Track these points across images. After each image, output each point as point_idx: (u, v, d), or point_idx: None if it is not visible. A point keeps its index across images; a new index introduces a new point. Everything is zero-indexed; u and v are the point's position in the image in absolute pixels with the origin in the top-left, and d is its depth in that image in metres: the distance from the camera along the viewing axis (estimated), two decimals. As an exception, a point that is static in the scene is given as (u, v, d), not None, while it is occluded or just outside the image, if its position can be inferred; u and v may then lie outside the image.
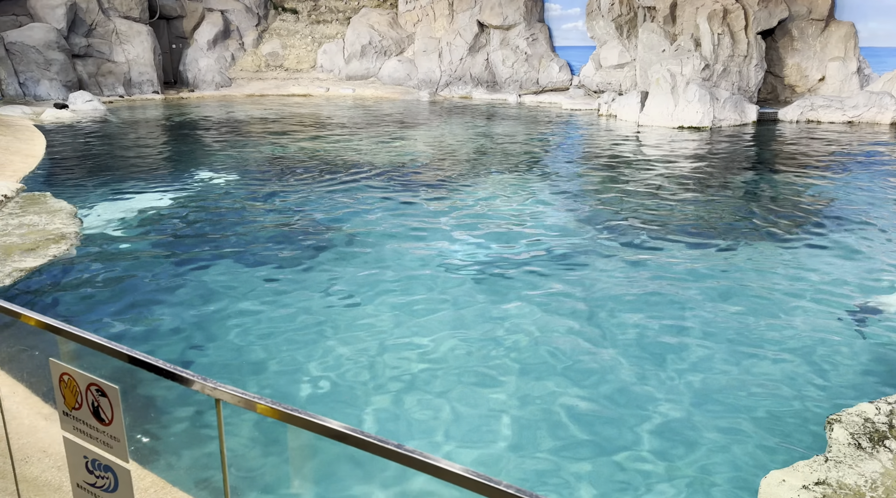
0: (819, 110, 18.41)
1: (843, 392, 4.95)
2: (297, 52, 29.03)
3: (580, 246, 8.24)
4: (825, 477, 3.65)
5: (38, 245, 7.72)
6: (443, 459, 1.44)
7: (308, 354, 5.52)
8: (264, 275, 7.27)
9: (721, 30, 18.90)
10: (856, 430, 4.03)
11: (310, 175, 12.25)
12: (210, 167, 13.03)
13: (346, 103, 24.08)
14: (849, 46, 19.71)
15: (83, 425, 2.23)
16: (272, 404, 1.86)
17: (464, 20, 25.88)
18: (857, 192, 10.80)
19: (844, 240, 8.40)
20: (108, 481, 2.23)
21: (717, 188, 11.28)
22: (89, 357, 4.34)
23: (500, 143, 15.71)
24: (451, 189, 11.20)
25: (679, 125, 17.78)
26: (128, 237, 8.57)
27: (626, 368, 5.30)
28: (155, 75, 25.19)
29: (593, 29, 23.30)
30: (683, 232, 8.80)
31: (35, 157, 13.33)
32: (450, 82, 26.11)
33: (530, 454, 4.28)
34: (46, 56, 22.19)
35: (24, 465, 3.57)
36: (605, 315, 6.25)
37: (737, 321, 6.11)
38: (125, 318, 6.20)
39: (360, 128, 18.17)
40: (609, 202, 10.42)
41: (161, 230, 8.94)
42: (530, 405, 4.80)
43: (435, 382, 5.09)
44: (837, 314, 6.25)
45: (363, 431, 1.61)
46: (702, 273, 7.33)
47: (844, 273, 7.28)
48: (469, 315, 6.25)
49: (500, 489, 1.32)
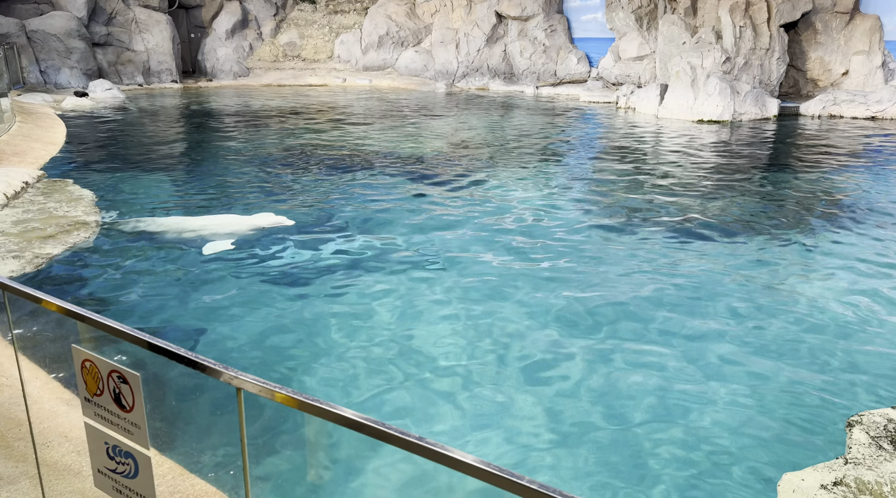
0: (842, 105, 18.12)
1: (863, 394, 4.89)
2: (315, 43, 29.04)
3: (596, 239, 8.18)
4: (844, 477, 3.61)
5: (58, 232, 7.80)
6: (465, 453, 1.43)
7: (314, 345, 5.54)
8: (282, 265, 7.29)
9: (743, 22, 18.62)
10: (877, 432, 3.98)
11: (325, 165, 12.27)
12: (227, 157, 13.09)
13: (362, 94, 24.07)
14: (874, 40, 19.34)
15: (104, 412, 2.25)
16: (292, 394, 1.86)
17: (482, 11, 25.72)
18: (878, 190, 10.62)
19: (865, 238, 8.27)
20: (129, 467, 2.25)
21: (736, 183, 11.15)
22: (107, 344, 4.38)
23: (517, 136, 15.63)
24: (466, 181, 11.16)
25: (699, 119, 17.58)
26: (148, 226, 8.63)
27: (644, 365, 5.26)
28: (173, 64, 25.33)
29: (613, 20, 23.06)
30: (702, 227, 8.71)
31: (56, 145, 13.47)
32: (467, 73, 26.00)
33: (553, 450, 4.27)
34: (67, 44, 22.38)
35: (45, 449, 3.62)
36: (619, 311, 6.20)
37: (758, 320, 6.04)
38: (143, 305, 6.25)
39: (376, 118, 18.15)
40: (627, 196, 10.34)
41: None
42: (552, 396, 4.78)
43: (445, 378, 5.09)
44: (861, 314, 6.16)
45: (384, 422, 1.61)
46: (722, 270, 7.25)
47: (867, 272, 7.17)
48: (482, 307, 6.23)
49: (523, 484, 1.31)
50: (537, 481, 1.32)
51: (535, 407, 4.68)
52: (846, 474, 3.62)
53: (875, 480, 3.58)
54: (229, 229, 8.34)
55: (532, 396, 4.81)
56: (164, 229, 8.42)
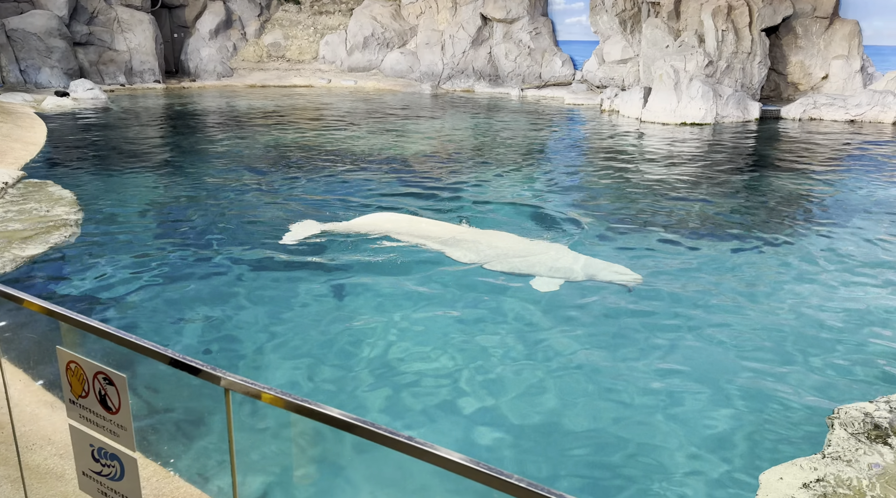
0: (822, 108, 18.38)
1: (842, 390, 4.97)
2: (300, 43, 28.94)
3: (578, 242, 8.23)
4: (824, 473, 3.67)
5: (39, 233, 7.71)
6: (454, 452, 1.44)
7: (296, 349, 5.53)
8: (265, 265, 7.26)
9: (725, 26, 18.84)
10: (855, 427, 4.05)
11: (310, 167, 12.23)
12: (210, 157, 13.00)
13: (347, 95, 24.01)
14: (853, 45, 19.66)
15: (90, 414, 2.24)
16: (280, 394, 1.86)
17: (467, 13, 25.78)
18: (856, 193, 10.79)
19: (842, 240, 8.41)
20: (114, 470, 2.24)
21: (717, 186, 11.28)
22: (91, 344, 4.34)
23: (502, 138, 15.68)
24: (451, 184, 11.18)
25: (682, 121, 17.75)
26: (129, 226, 8.56)
27: (622, 366, 5.31)
28: (156, 64, 25.10)
29: (597, 24, 23.23)
30: (683, 229, 8.80)
31: (36, 145, 13.30)
32: (452, 75, 26.04)
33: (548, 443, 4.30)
34: (48, 43, 22.11)
35: (27, 452, 3.58)
36: (598, 312, 6.25)
37: (736, 320, 6.11)
38: (127, 306, 6.20)
39: (361, 120, 18.13)
40: (610, 199, 10.42)
41: (161, 219, 8.93)
42: (519, 395, 4.81)
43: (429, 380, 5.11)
44: (838, 313, 6.26)
45: (372, 422, 1.62)
46: (701, 271, 7.33)
47: (843, 272, 7.29)
48: (469, 310, 6.26)
49: (511, 483, 1.33)
50: (526, 480, 1.33)
51: (496, 405, 4.71)
52: (826, 470, 3.68)
53: (854, 475, 3.64)
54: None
55: (495, 398, 4.83)
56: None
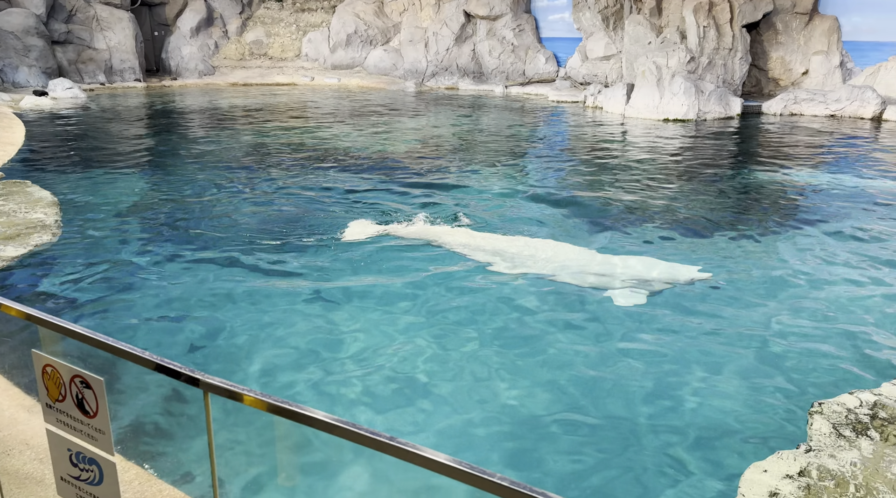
0: (802, 104, 18.58)
1: (822, 384, 5.02)
2: (282, 41, 28.74)
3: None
4: (806, 466, 3.70)
5: (18, 234, 7.59)
6: (437, 452, 1.43)
7: (282, 352, 5.49)
8: (245, 266, 7.20)
9: (707, 22, 18.96)
10: (837, 420, 4.09)
11: (292, 166, 12.16)
12: (192, 157, 12.88)
13: (330, 93, 23.89)
14: (832, 40, 19.87)
15: (67, 418, 2.20)
16: (260, 396, 1.84)
17: (450, 10, 25.74)
18: (835, 186, 10.92)
19: (823, 233, 8.49)
20: (93, 474, 2.21)
21: (699, 181, 11.35)
22: (70, 348, 4.28)
23: (486, 135, 15.68)
24: (434, 181, 11.16)
25: (664, 117, 17.85)
26: (109, 227, 8.45)
27: (610, 363, 5.33)
28: (137, 63, 24.81)
29: (580, 20, 23.28)
30: (665, 224, 8.85)
31: (14, 145, 13.09)
32: (436, 73, 25.99)
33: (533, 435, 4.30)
34: (25, 42, 21.77)
35: (5, 457, 3.52)
36: (589, 308, 6.27)
37: (717, 311, 6.16)
38: (106, 308, 6.12)
39: (344, 118, 18.04)
40: (593, 194, 10.45)
41: (142, 220, 8.83)
42: (506, 389, 4.81)
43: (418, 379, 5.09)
44: (819, 305, 6.33)
45: (354, 423, 1.60)
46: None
47: (824, 265, 7.36)
48: (449, 311, 6.25)
49: (495, 482, 1.32)
50: (508, 478, 1.32)
51: (490, 397, 4.70)
52: (808, 463, 3.72)
53: (837, 467, 3.68)
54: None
55: (488, 391, 4.83)
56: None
